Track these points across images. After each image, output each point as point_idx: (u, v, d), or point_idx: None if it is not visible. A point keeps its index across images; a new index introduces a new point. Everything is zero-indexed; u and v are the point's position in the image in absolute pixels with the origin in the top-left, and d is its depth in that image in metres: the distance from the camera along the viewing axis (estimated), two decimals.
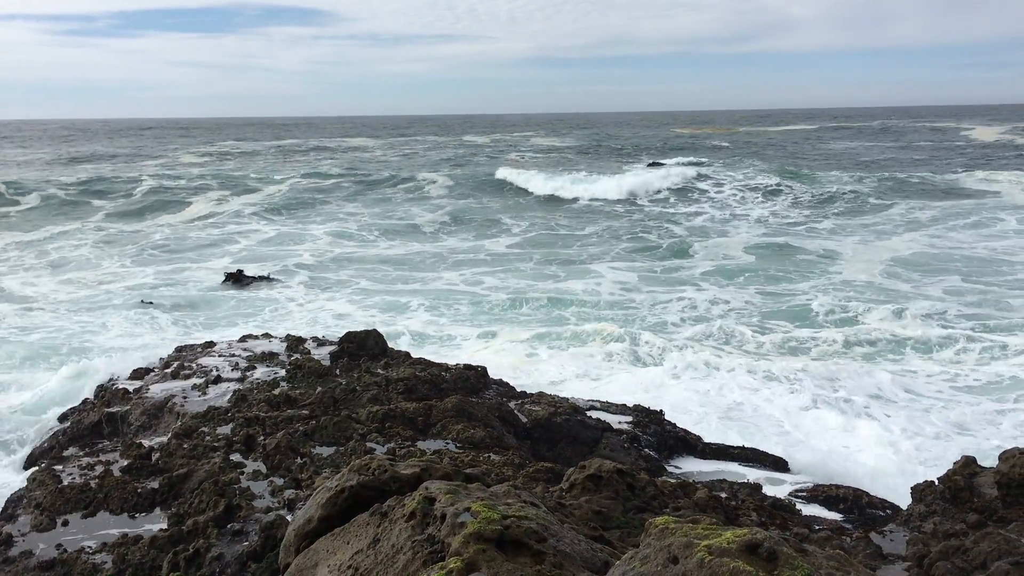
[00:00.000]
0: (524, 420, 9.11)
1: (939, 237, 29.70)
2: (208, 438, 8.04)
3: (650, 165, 55.24)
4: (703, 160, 58.61)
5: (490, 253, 28.76)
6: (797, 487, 8.33)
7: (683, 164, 53.23)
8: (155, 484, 7.16)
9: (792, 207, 37.91)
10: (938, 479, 6.14)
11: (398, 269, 26.25)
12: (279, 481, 6.97)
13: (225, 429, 8.25)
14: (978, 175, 45.78)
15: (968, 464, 6.08)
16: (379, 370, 10.00)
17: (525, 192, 42.08)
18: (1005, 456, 5.77)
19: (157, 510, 6.87)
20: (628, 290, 22.53)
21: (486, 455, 7.53)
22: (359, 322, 18.68)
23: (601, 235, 31.87)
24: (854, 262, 25.66)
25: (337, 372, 10.10)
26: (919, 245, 28.10)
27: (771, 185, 42.45)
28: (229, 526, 6.14)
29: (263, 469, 7.25)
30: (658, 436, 9.47)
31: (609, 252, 28.55)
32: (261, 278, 23.64)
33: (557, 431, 9.04)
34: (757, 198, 39.99)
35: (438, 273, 25.58)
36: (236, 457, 7.54)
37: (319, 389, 9.23)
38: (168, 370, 10.60)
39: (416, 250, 29.61)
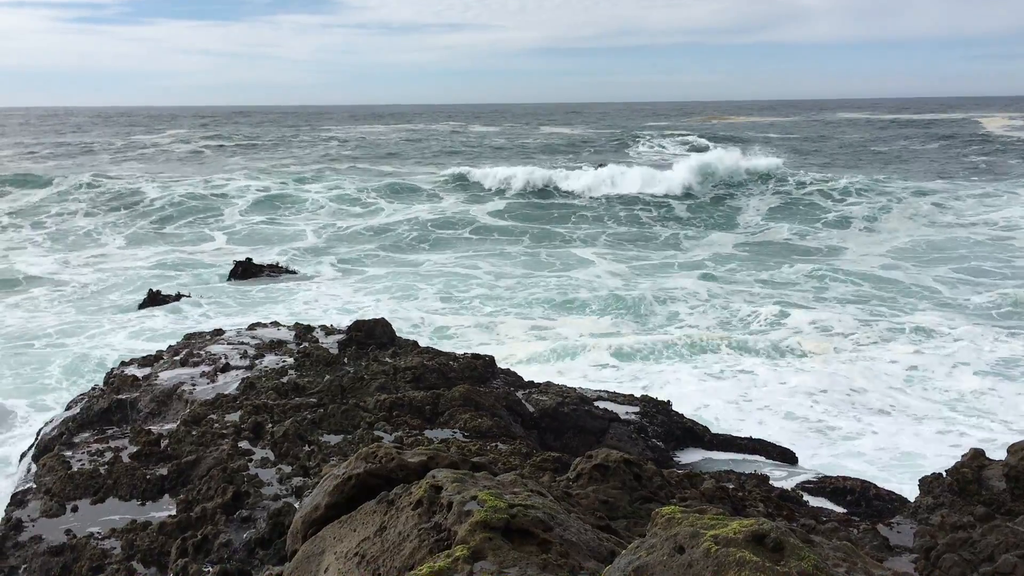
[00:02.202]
0: (531, 410, 9.12)
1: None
2: (217, 425, 8.06)
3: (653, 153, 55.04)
4: (711, 144, 58.33)
5: (494, 243, 28.83)
6: (804, 479, 8.31)
7: (694, 149, 52.83)
8: (164, 471, 7.19)
9: (796, 196, 37.69)
10: (946, 471, 6.12)
11: (403, 252, 26.37)
12: (287, 468, 7.00)
13: (233, 416, 8.27)
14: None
15: (976, 456, 6.05)
16: (387, 359, 10.01)
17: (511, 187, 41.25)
18: (1014, 449, 5.74)
19: (166, 496, 6.91)
20: (625, 279, 22.48)
21: (493, 444, 7.54)
22: (368, 310, 18.73)
23: (598, 223, 31.86)
24: (858, 252, 25.59)
25: (345, 360, 10.11)
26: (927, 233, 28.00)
27: (779, 173, 42.24)
28: (237, 513, 6.17)
29: (271, 456, 7.28)
30: (665, 426, 9.47)
31: (598, 238, 28.66)
32: (270, 267, 23.71)
33: (564, 421, 9.05)
34: (761, 186, 39.71)
35: (429, 256, 25.79)
36: (244, 444, 7.57)
37: (327, 377, 9.25)
38: (177, 357, 10.63)
39: (418, 226, 29.92)
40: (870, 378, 13.81)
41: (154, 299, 19.79)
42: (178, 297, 20.03)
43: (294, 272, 23.73)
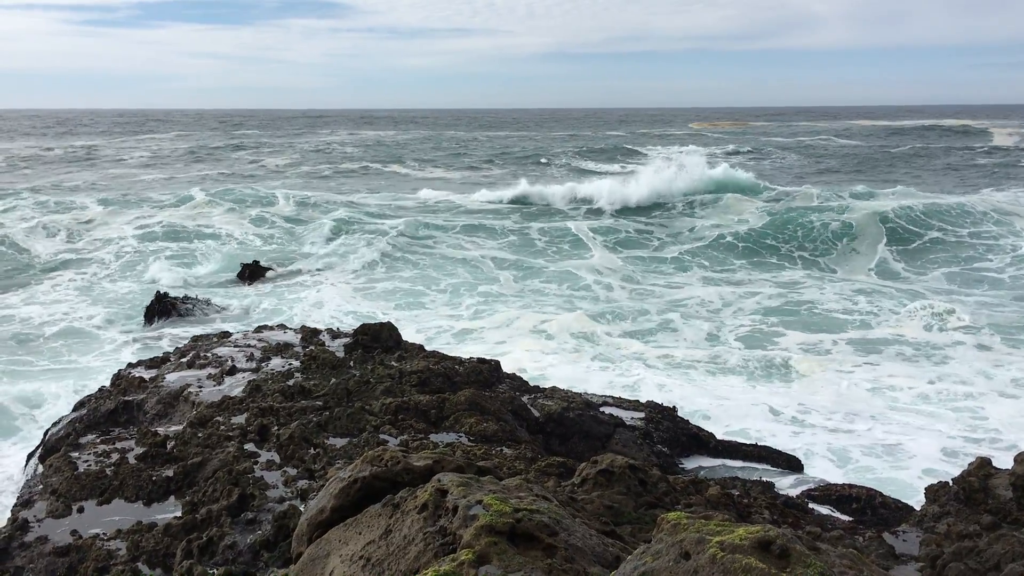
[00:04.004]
0: (537, 414, 9.12)
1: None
2: (223, 428, 8.08)
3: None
4: (715, 149, 58.31)
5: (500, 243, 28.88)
6: (810, 486, 8.29)
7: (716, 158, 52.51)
8: (170, 472, 7.21)
9: (795, 205, 37.46)
10: (952, 480, 6.11)
11: (405, 253, 26.50)
12: (292, 471, 7.01)
13: (239, 419, 8.29)
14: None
15: (983, 465, 6.03)
16: (393, 362, 10.02)
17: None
18: (1020, 458, 5.72)
19: (171, 498, 6.92)
20: (619, 286, 22.39)
21: (498, 449, 7.54)
22: (374, 314, 18.75)
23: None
24: (856, 262, 25.47)
25: (351, 364, 10.12)
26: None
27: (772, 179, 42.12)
28: (243, 515, 6.18)
29: (277, 459, 7.30)
30: (671, 432, 9.46)
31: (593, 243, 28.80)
32: (276, 269, 23.78)
33: (570, 426, 9.04)
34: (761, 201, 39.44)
35: (431, 258, 25.97)
36: (250, 447, 7.59)
37: (333, 381, 9.26)
38: (184, 359, 10.66)
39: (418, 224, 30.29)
40: (869, 388, 13.76)
41: (161, 301, 19.68)
42: (185, 300, 19.96)
43: (303, 275, 23.79)
